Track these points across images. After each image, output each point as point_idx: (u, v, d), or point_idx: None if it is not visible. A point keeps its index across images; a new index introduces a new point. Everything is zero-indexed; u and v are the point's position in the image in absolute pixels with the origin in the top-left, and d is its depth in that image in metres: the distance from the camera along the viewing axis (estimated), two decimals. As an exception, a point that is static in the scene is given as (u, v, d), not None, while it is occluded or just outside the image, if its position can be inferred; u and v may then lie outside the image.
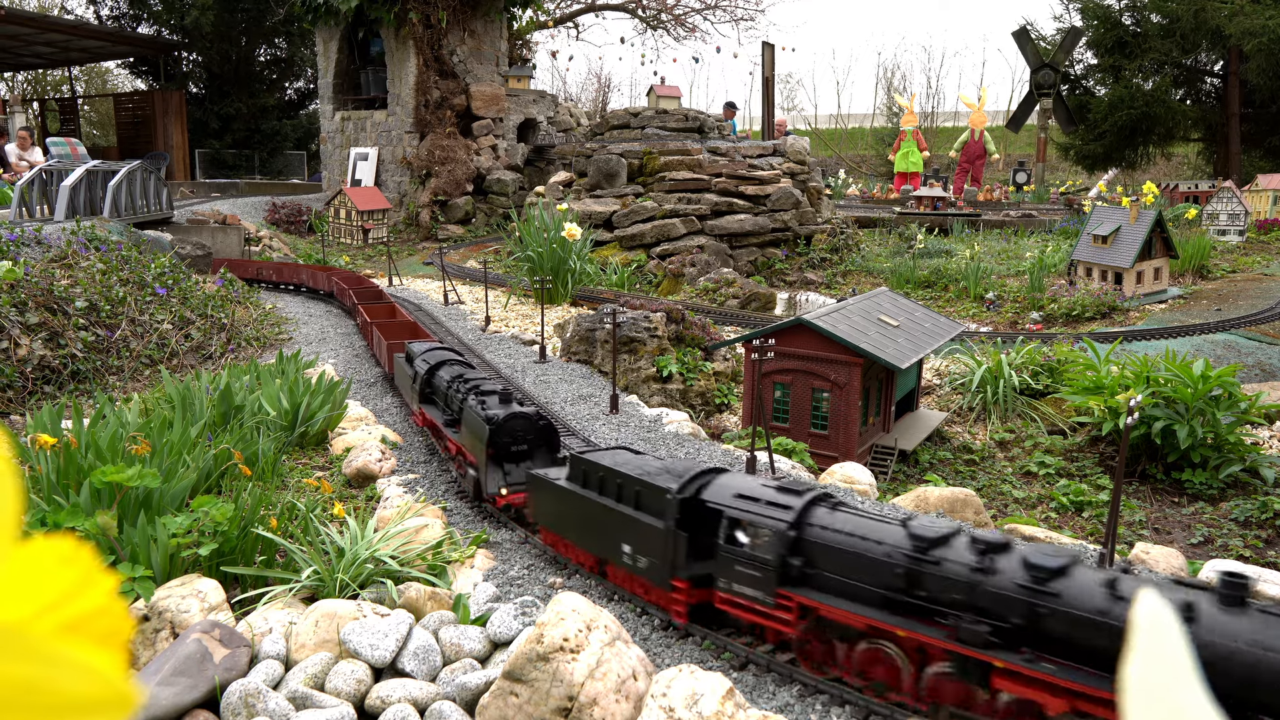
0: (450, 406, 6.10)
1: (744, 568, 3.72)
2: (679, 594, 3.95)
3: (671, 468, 4.26)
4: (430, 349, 7.08)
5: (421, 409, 6.52)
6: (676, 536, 3.93)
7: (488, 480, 5.16)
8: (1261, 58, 23.92)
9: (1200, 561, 4.87)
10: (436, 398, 6.47)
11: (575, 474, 4.59)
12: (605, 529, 4.32)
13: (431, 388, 6.54)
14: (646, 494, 4.12)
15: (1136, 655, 0.58)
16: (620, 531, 4.22)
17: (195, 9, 29.15)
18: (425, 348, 7.15)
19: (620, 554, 4.23)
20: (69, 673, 0.44)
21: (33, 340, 8.13)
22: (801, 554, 3.63)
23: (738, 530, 3.76)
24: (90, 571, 0.49)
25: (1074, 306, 12.53)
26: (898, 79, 45.72)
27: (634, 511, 4.15)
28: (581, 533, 4.51)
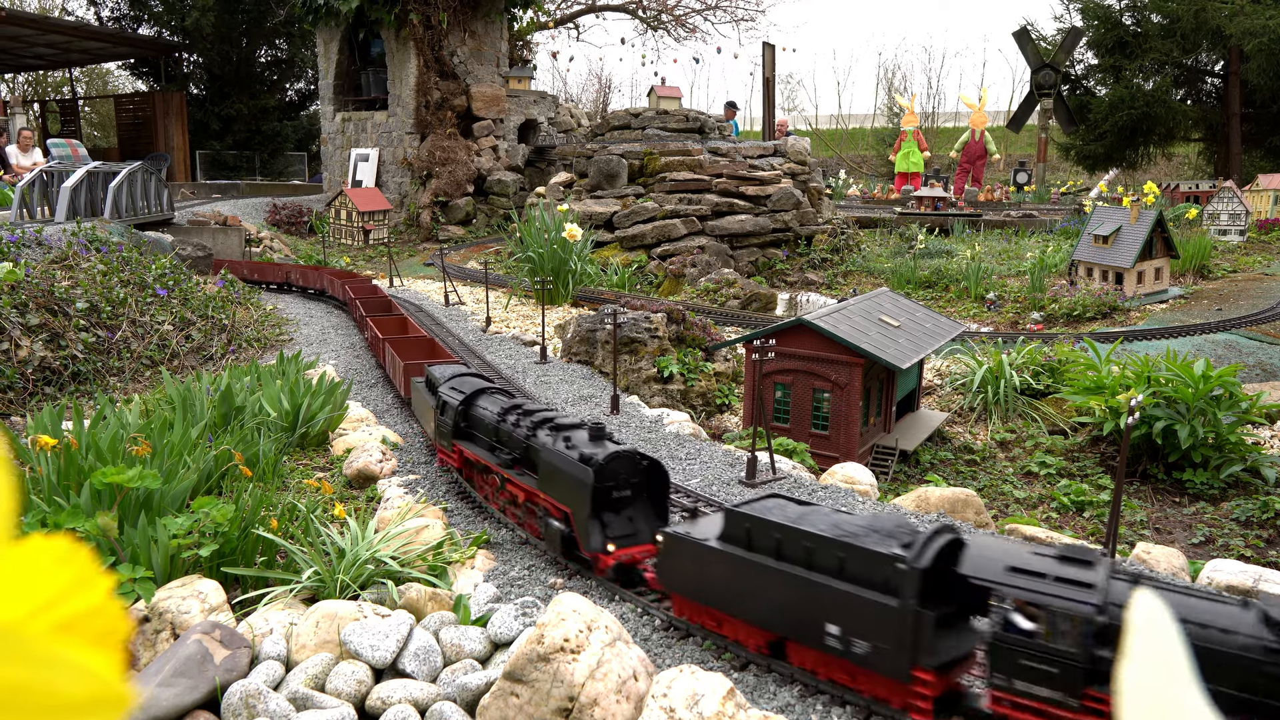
0: (507, 443, 5.19)
1: (1033, 662, 3.02)
2: (923, 686, 3.21)
3: (877, 525, 3.46)
4: (458, 374, 6.27)
5: (459, 446, 5.62)
6: (919, 617, 3.16)
7: (588, 535, 4.32)
8: (1262, 58, 23.91)
9: (1201, 561, 4.87)
10: (479, 432, 5.56)
11: (735, 533, 3.77)
12: (789, 603, 3.51)
13: (470, 420, 5.66)
14: (858, 561, 3.32)
15: (1133, 658, 0.58)
16: (818, 607, 3.40)
17: (196, 10, 29.17)
18: (450, 372, 6.34)
19: (820, 635, 3.40)
20: (64, 673, 0.44)
21: (33, 341, 8.14)
22: (1112, 645, 2.94)
23: (1017, 614, 3.07)
24: (86, 571, 0.49)
25: (1075, 306, 12.52)
26: (898, 79, 45.74)
27: (840, 583, 3.35)
28: (746, 606, 3.69)
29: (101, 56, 32.07)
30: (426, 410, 6.36)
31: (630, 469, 4.42)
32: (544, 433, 4.84)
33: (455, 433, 5.68)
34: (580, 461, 4.35)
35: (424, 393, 6.53)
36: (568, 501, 4.45)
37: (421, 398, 6.60)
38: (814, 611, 3.42)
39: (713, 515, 4.19)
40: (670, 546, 4.03)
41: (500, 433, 5.25)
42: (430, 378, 6.48)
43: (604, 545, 4.32)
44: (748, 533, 3.71)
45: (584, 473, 4.29)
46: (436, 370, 6.48)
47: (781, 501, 3.89)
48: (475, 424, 5.61)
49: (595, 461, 4.29)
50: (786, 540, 3.55)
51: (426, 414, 6.39)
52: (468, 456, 5.57)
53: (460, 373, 6.33)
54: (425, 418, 6.51)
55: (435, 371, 6.47)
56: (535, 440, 4.85)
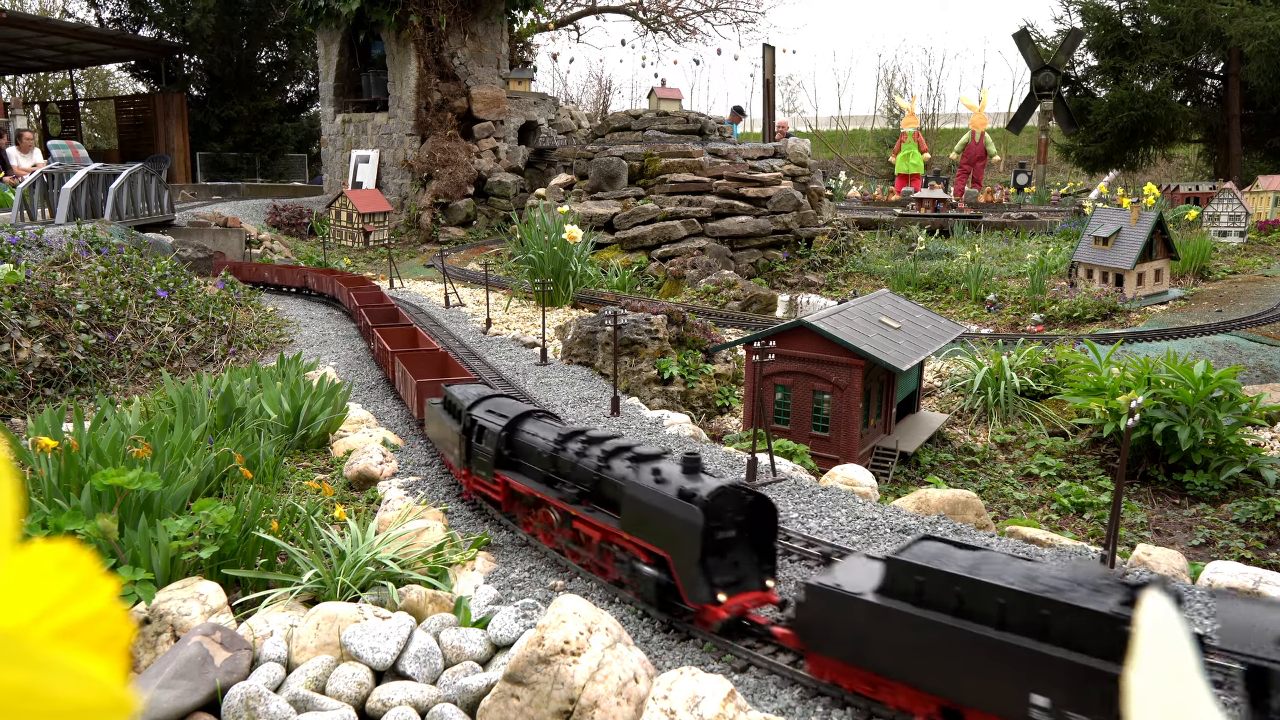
0: (570, 475, 4.63)
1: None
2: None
3: (1079, 577, 2.99)
4: (489, 396, 5.70)
5: (502, 477, 5.04)
6: None
7: (693, 583, 3.78)
8: (1262, 59, 23.93)
9: (1202, 563, 4.86)
10: (528, 462, 5.01)
11: (901, 585, 3.29)
12: (974, 668, 3.06)
13: (515, 448, 5.11)
14: (1069, 621, 2.84)
15: (1141, 658, 0.58)
16: (1015, 674, 2.93)
17: (196, 12, 29.19)
18: (476, 393, 5.76)
19: (1018, 706, 2.94)
20: (66, 679, 0.44)
21: (34, 343, 8.14)
22: None
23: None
24: (90, 576, 0.49)
25: (1075, 308, 12.52)
26: (898, 81, 45.74)
27: (1047, 647, 2.88)
28: (914, 669, 3.24)
29: (102, 58, 32.10)
30: (448, 434, 5.76)
31: (735, 505, 3.93)
32: (622, 464, 4.33)
33: (498, 462, 5.10)
34: (681, 498, 3.85)
35: (443, 415, 5.91)
36: (664, 544, 3.92)
37: (441, 420, 5.94)
38: (1010, 678, 2.95)
39: (860, 562, 3.66)
40: (815, 600, 3.50)
41: (559, 463, 4.72)
42: (451, 399, 5.87)
43: (713, 594, 3.80)
44: (920, 586, 3.22)
45: (688, 512, 3.78)
46: (459, 391, 5.89)
47: (944, 546, 3.42)
48: (523, 452, 5.05)
49: (700, 498, 3.79)
50: (970, 595, 3.07)
51: (448, 438, 5.78)
52: (515, 489, 4.98)
53: (491, 394, 5.74)
54: (446, 443, 5.87)
55: (457, 392, 5.86)
56: (610, 472, 4.34)
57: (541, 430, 5.03)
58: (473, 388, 5.99)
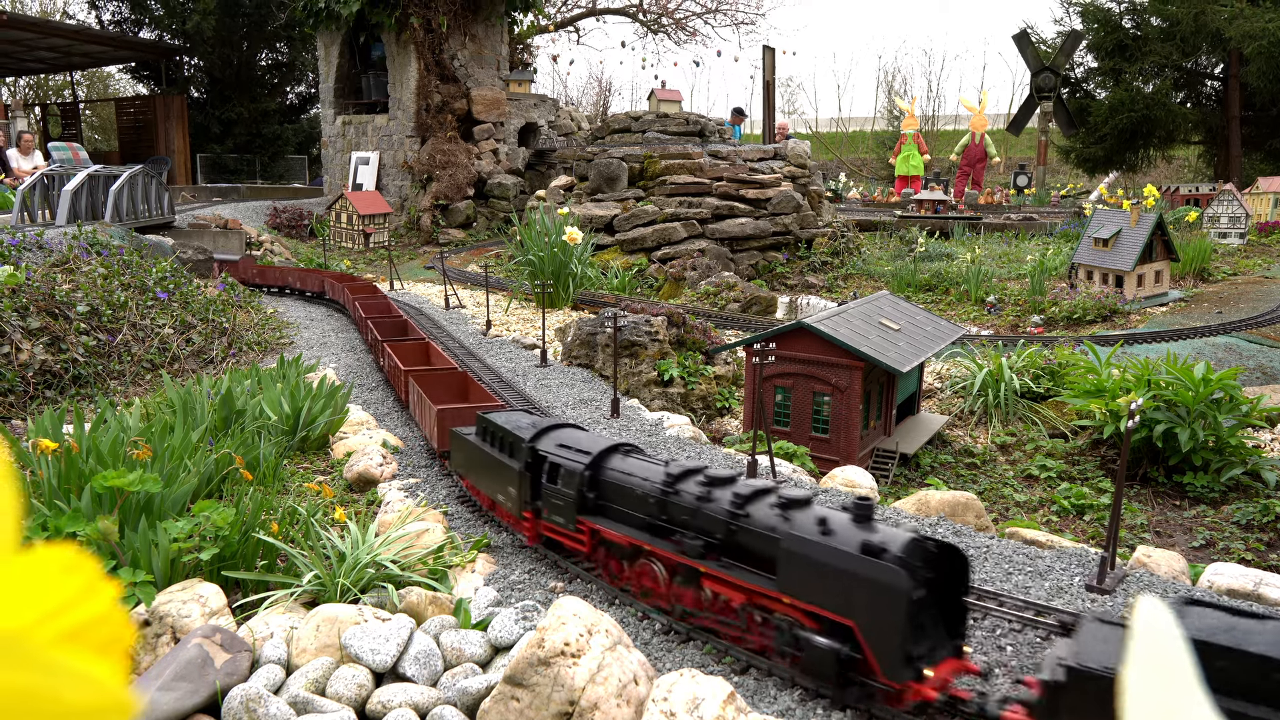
0: (691, 524, 3.96)
1: None
2: None
3: None
4: (553, 427, 4.96)
5: (588, 523, 4.42)
6: None
7: (893, 659, 3.18)
8: (1262, 61, 23.94)
9: (1202, 565, 4.86)
10: (622, 506, 4.34)
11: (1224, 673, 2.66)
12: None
13: (603, 490, 4.46)
14: None
15: (1135, 660, 0.58)
16: None
17: (197, 14, 29.21)
18: (531, 423, 5.07)
19: None
20: (68, 681, 0.45)
21: (34, 345, 8.14)
22: None
23: None
24: (92, 579, 0.49)
25: (1075, 309, 12.52)
26: (898, 82, 45.78)
27: None
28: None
29: (102, 60, 32.11)
30: (496, 471, 5.05)
31: (924, 559, 3.34)
32: (767, 510, 3.72)
33: (582, 506, 4.44)
34: (867, 554, 3.27)
35: (485, 448, 5.19)
36: (845, 610, 3.32)
37: (480, 454, 5.26)
38: None
39: (1110, 632, 3.04)
40: (1078, 685, 2.87)
41: (671, 508, 4.05)
42: (497, 430, 5.11)
43: (918, 671, 3.23)
44: (1222, 673, 2.71)
45: (885, 573, 3.18)
46: (505, 420, 5.20)
47: (1223, 615, 2.88)
48: (614, 494, 4.38)
49: (894, 555, 3.23)
50: None
51: (496, 475, 5.06)
52: (608, 538, 4.32)
53: (552, 423, 5.02)
54: (491, 479, 5.15)
55: (503, 421, 5.16)
56: (751, 521, 3.73)
57: (637, 468, 4.35)
58: (522, 416, 5.35)
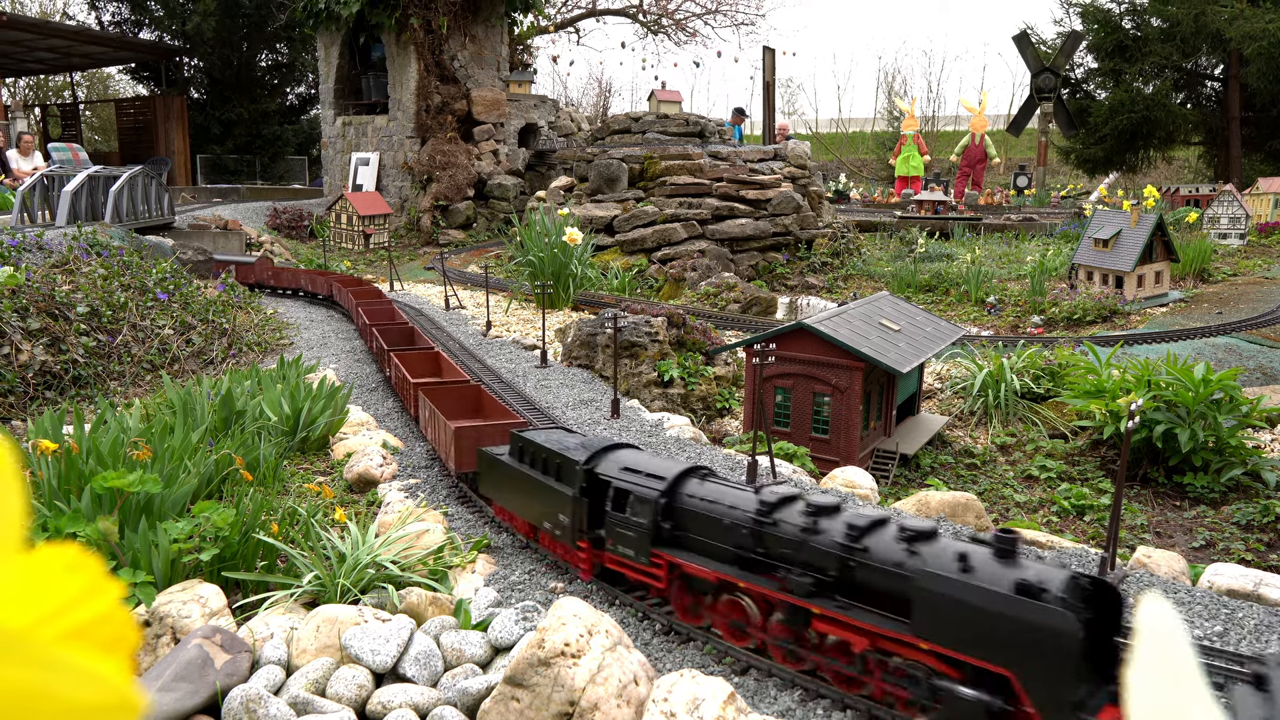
0: (793, 559, 3.59)
1: None
2: None
3: None
4: (609, 448, 4.57)
5: (665, 556, 4.01)
6: None
7: (1059, 711, 2.87)
8: (1262, 61, 23.95)
9: (1202, 565, 4.86)
10: (705, 537, 3.94)
11: None
12: None
13: (680, 520, 4.06)
14: None
15: (1140, 660, 0.58)
16: None
17: (197, 15, 29.22)
18: (582, 443, 4.71)
19: None
20: (74, 679, 0.45)
21: (34, 345, 8.14)
22: None
23: None
24: (96, 579, 0.50)
25: (1075, 310, 12.53)
26: (898, 83, 45.79)
27: None
28: None
29: (102, 61, 32.11)
30: (542, 496, 4.65)
31: (1084, 599, 3.01)
32: (890, 544, 3.37)
33: (657, 537, 4.05)
34: (1024, 595, 2.92)
35: (526, 471, 4.80)
36: (1000, 658, 2.98)
37: (517, 477, 4.88)
38: None
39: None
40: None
41: (768, 539, 3.70)
42: (541, 451, 4.71)
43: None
44: None
45: (1049, 616, 2.85)
46: (543, 439, 4.82)
47: None
48: (693, 524, 3.98)
49: (1053, 594, 2.89)
50: None
51: (542, 501, 4.66)
52: (690, 573, 3.93)
53: (608, 444, 4.61)
54: (534, 505, 4.75)
55: (543, 441, 4.77)
56: (872, 556, 3.38)
57: (722, 495, 3.96)
58: (566, 435, 5.02)
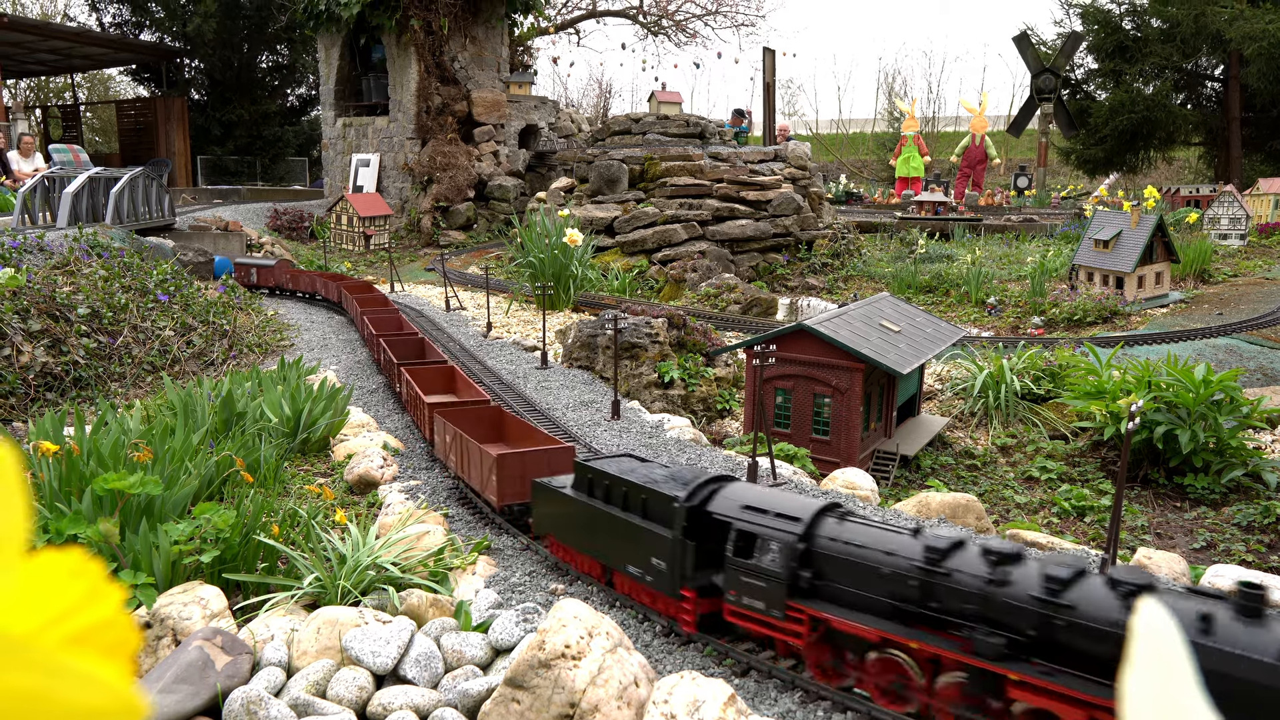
0: (975, 614, 3.14)
1: None
2: None
3: None
4: (711, 481, 4.05)
5: (807, 610, 3.52)
6: None
7: None
8: (1262, 62, 23.95)
9: (1203, 566, 4.87)
10: (859, 588, 3.48)
11: None
12: None
13: (818, 568, 3.60)
14: None
15: (1136, 664, 0.58)
16: None
17: (197, 16, 29.24)
18: (672, 475, 4.22)
19: None
20: (76, 683, 0.45)
21: (35, 347, 8.15)
22: None
23: None
24: (98, 584, 0.50)
25: (1075, 311, 12.53)
26: (899, 84, 45.80)
27: None
28: None
29: (103, 62, 32.13)
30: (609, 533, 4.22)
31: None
32: (1104, 599, 2.91)
33: (794, 588, 3.57)
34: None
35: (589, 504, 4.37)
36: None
37: (574, 511, 4.48)
38: None
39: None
40: None
41: (940, 591, 3.25)
42: (609, 483, 4.29)
43: None
44: None
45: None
46: (618, 469, 4.39)
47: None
48: (841, 573, 3.53)
49: None
50: None
51: (614, 539, 4.20)
52: (839, 629, 3.46)
53: (711, 477, 4.08)
54: (606, 544, 4.28)
55: (623, 473, 4.30)
56: (1081, 613, 2.91)
57: (872, 538, 3.50)
58: (647, 466, 4.49)
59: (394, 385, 8.20)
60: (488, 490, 5.27)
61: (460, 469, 5.75)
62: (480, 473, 5.36)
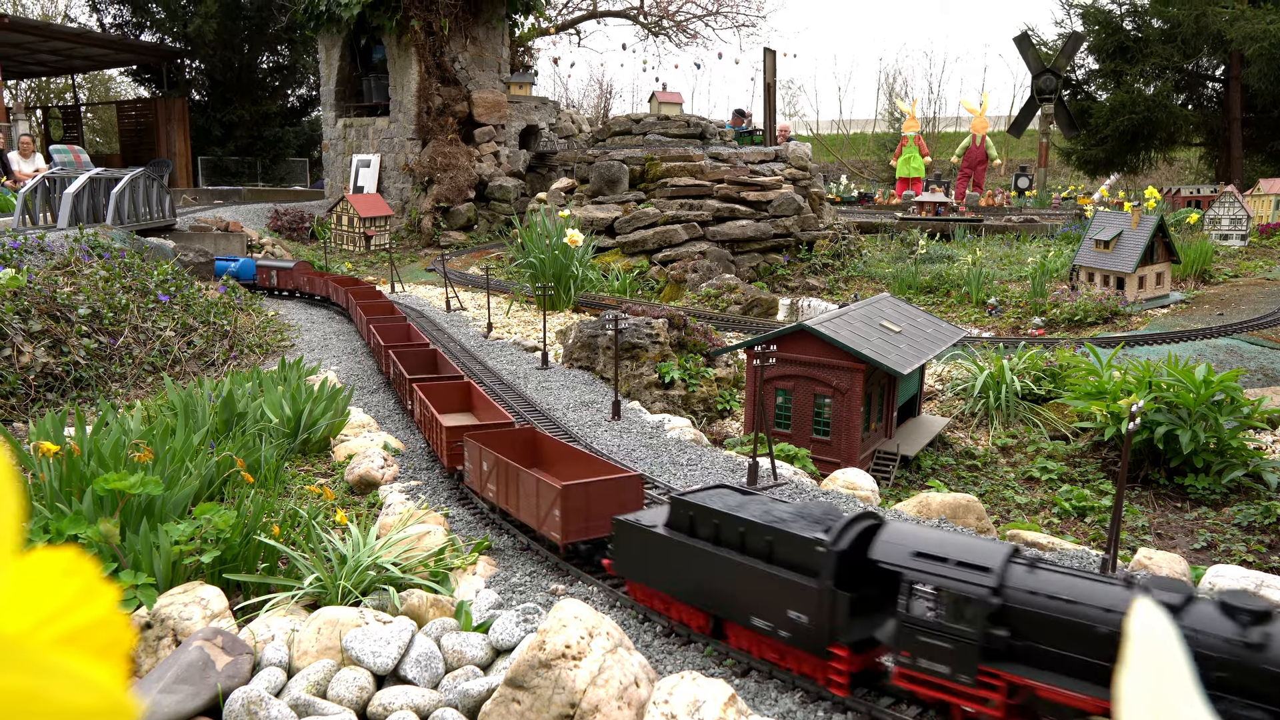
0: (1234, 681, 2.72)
1: None
2: None
3: None
4: (853, 520, 3.58)
5: (1003, 675, 3.10)
6: None
7: None
8: (1263, 62, 23.94)
9: (1203, 567, 4.86)
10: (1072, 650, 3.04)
11: None
12: None
13: (1017, 627, 3.15)
14: None
15: (1132, 665, 0.58)
16: None
17: (198, 17, 29.25)
18: (782, 511, 3.73)
19: None
20: (68, 685, 0.45)
21: (35, 347, 8.15)
22: None
23: None
24: (91, 583, 0.50)
25: (1076, 311, 12.52)
26: (899, 85, 45.80)
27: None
28: None
29: (104, 63, 32.15)
30: (723, 578, 3.72)
31: None
32: None
33: (987, 649, 3.13)
34: None
35: (692, 545, 3.83)
36: None
37: (672, 552, 3.92)
38: None
39: None
40: None
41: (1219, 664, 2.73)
42: (720, 520, 3.76)
43: None
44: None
45: None
46: (721, 504, 3.85)
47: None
48: (1043, 632, 3.08)
49: None
50: None
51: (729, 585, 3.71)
52: (1046, 697, 3.03)
53: (851, 516, 3.62)
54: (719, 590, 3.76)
55: (738, 510, 3.77)
56: None
57: (1077, 590, 3.07)
58: (760, 502, 3.94)
59: (406, 403, 7.55)
60: (547, 526, 4.68)
61: (504, 500, 5.11)
62: (534, 506, 4.76)
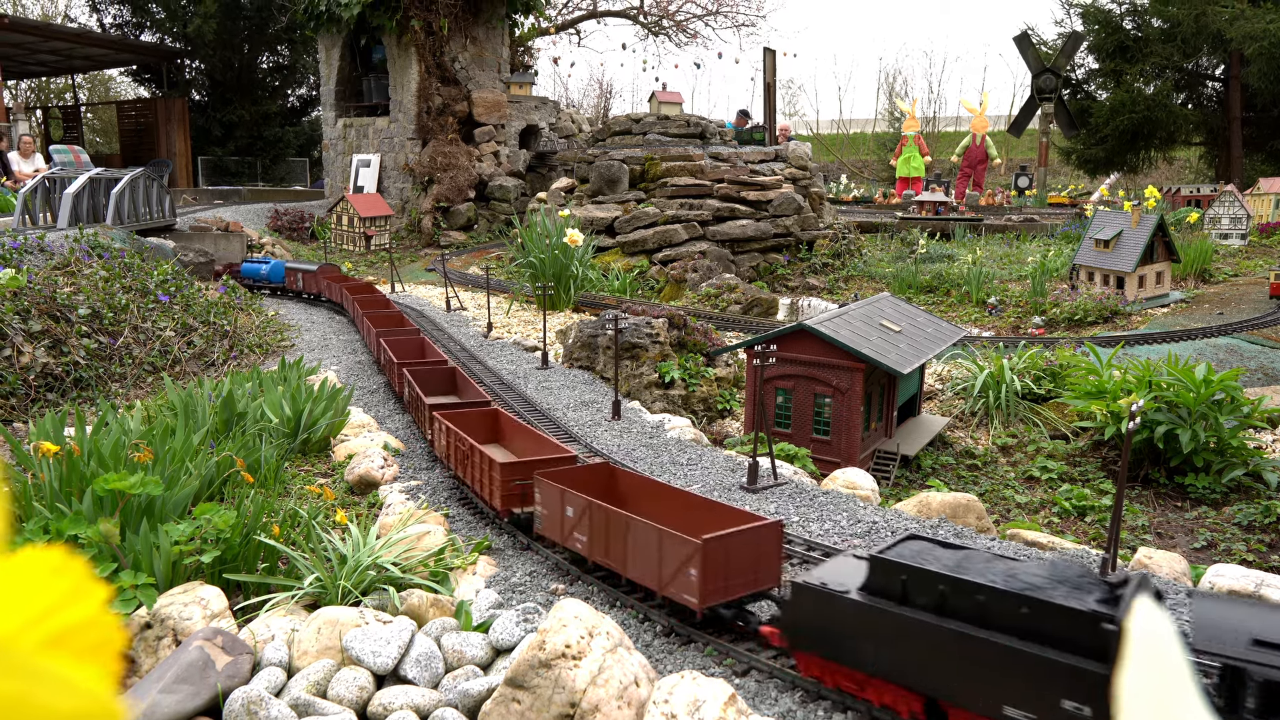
0: None
1: None
2: None
3: None
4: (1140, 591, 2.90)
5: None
6: None
7: None
8: (1263, 61, 23.92)
9: (1203, 566, 4.86)
10: None
11: None
12: None
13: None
14: None
15: (1132, 664, 0.58)
16: None
17: (198, 17, 29.25)
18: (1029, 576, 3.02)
19: None
20: (54, 687, 0.44)
21: (35, 347, 8.15)
22: None
23: None
24: (80, 582, 0.49)
25: (1076, 311, 12.52)
26: (899, 84, 45.79)
27: None
28: None
29: (104, 63, 32.15)
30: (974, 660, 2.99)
31: None
32: None
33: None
34: None
35: (916, 618, 3.14)
36: None
37: (881, 624, 3.23)
38: None
39: None
40: None
41: None
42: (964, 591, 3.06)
43: None
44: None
45: None
46: (939, 566, 3.18)
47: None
48: None
49: None
50: None
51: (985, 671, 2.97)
52: None
53: (1135, 580, 2.95)
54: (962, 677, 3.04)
55: (946, 570, 3.14)
56: None
57: None
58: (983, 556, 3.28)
59: (425, 432, 6.76)
60: (675, 588, 3.93)
61: (603, 554, 4.39)
62: (654, 563, 4.06)
